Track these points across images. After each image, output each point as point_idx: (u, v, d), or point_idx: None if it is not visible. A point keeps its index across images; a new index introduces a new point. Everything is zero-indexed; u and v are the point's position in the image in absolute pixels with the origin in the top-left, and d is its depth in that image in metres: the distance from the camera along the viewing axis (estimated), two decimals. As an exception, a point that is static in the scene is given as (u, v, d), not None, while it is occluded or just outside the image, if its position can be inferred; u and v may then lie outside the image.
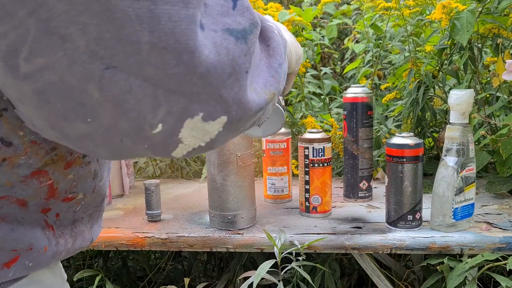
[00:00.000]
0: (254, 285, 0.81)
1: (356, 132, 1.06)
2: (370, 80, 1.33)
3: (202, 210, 1.05)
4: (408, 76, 1.18)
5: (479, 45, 1.09)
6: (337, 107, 1.48)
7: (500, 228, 0.85)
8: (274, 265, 0.84)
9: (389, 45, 1.32)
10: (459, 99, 0.81)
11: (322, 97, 1.46)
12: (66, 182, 0.40)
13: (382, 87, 1.33)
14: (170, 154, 0.35)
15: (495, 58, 1.05)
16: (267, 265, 0.83)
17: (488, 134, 1.04)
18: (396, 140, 0.87)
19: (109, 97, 0.29)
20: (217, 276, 1.40)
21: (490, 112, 1.10)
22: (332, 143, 1.24)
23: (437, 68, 1.18)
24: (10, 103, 0.33)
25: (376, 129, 1.31)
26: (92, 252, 1.35)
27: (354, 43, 1.62)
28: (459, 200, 0.83)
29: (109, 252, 1.33)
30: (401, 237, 0.84)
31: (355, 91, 1.05)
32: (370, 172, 1.08)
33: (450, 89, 1.08)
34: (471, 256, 0.82)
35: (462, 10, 0.99)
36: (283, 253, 0.84)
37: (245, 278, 0.86)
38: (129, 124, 0.31)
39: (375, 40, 1.34)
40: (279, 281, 0.86)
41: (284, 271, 0.86)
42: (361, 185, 1.07)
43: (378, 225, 0.90)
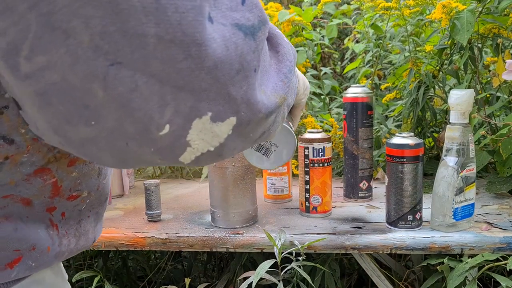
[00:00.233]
0: (254, 284, 0.81)
1: (356, 132, 1.05)
2: (370, 80, 1.33)
3: (202, 210, 1.05)
4: (408, 76, 1.18)
5: (479, 45, 1.09)
6: (337, 107, 1.48)
7: (500, 228, 0.85)
8: (274, 265, 0.84)
9: (389, 45, 1.32)
10: (459, 99, 0.81)
11: (322, 97, 1.46)
12: (70, 180, 0.40)
13: (382, 87, 1.33)
14: (178, 159, 0.33)
15: (495, 58, 1.05)
16: (266, 265, 0.83)
17: (488, 134, 1.04)
18: (396, 140, 0.87)
19: (114, 96, 0.28)
20: (217, 276, 1.40)
21: (490, 112, 1.10)
22: (332, 143, 1.23)
23: (437, 68, 1.18)
24: (13, 101, 0.33)
25: (376, 129, 1.31)
26: (92, 252, 1.35)
27: (354, 43, 1.62)
28: (459, 200, 0.83)
29: (109, 252, 1.33)
30: (401, 237, 0.84)
31: (355, 91, 1.05)
32: (370, 172, 1.08)
33: (450, 89, 1.08)
34: (471, 256, 0.82)
35: (462, 10, 0.99)
36: (283, 253, 0.84)
37: (245, 278, 0.86)
38: (135, 126, 0.30)
39: (375, 40, 1.34)
40: (279, 281, 0.86)
41: (284, 271, 0.86)
42: (361, 185, 1.07)
43: (378, 225, 0.90)
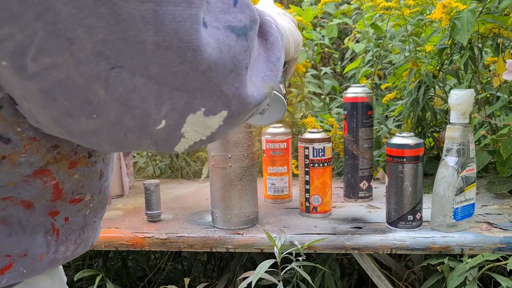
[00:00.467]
0: (253, 284, 0.81)
1: (356, 132, 1.05)
2: (370, 80, 1.33)
3: (202, 210, 1.05)
4: (408, 76, 1.18)
5: (480, 45, 1.08)
6: (337, 107, 1.48)
7: (501, 228, 0.85)
8: (274, 265, 0.84)
9: (389, 45, 1.32)
10: (460, 99, 0.81)
11: (322, 97, 1.46)
12: (72, 182, 0.40)
13: (382, 87, 1.33)
14: (173, 149, 0.36)
15: (496, 58, 1.05)
16: (266, 265, 0.83)
17: (488, 134, 1.04)
18: (396, 140, 0.86)
19: (115, 95, 0.30)
20: (217, 276, 1.40)
21: (491, 112, 1.10)
22: (332, 143, 1.23)
23: (438, 68, 1.18)
24: (7, 100, 0.33)
25: (376, 129, 1.31)
26: (92, 252, 1.35)
27: (354, 43, 1.62)
28: (460, 200, 0.83)
29: (109, 252, 1.33)
30: (402, 237, 0.84)
31: (355, 91, 1.05)
32: (370, 172, 1.08)
33: (450, 89, 1.08)
34: (472, 256, 0.82)
35: (463, 10, 0.99)
36: (283, 253, 0.84)
37: (245, 278, 0.86)
38: (134, 121, 0.32)
39: (375, 39, 1.34)
40: (279, 281, 0.86)
41: (284, 271, 0.86)
42: (361, 185, 1.07)
43: (378, 225, 0.90)
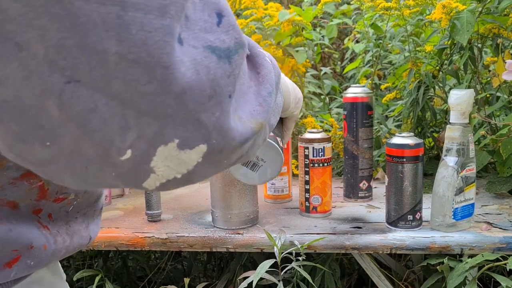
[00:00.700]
0: (254, 284, 0.81)
1: (356, 132, 1.05)
2: (370, 80, 1.33)
3: (202, 210, 1.05)
4: (408, 76, 1.18)
5: (479, 45, 1.09)
6: (337, 107, 1.48)
7: (500, 228, 0.85)
8: (274, 265, 0.84)
9: (389, 45, 1.32)
10: (459, 99, 0.81)
11: (322, 97, 1.46)
12: None
13: (382, 87, 1.33)
14: (141, 185, 0.31)
15: (495, 58, 1.05)
16: (266, 265, 0.83)
17: (488, 134, 1.04)
18: (396, 140, 0.87)
19: (71, 115, 0.26)
20: (217, 276, 1.40)
21: (490, 112, 1.10)
22: (332, 143, 1.23)
23: (437, 68, 1.18)
24: None
25: (376, 129, 1.31)
26: (92, 252, 1.35)
27: (354, 43, 1.62)
28: (459, 200, 0.83)
29: (109, 252, 1.33)
30: (401, 237, 0.84)
31: (355, 91, 1.05)
32: (370, 172, 1.08)
33: (450, 89, 1.08)
34: (471, 256, 0.82)
35: (462, 10, 0.99)
36: (283, 253, 0.84)
37: (245, 278, 0.86)
38: (94, 148, 0.28)
39: (375, 40, 1.34)
40: (279, 281, 0.86)
41: (284, 271, 0.86)
42: (361, 185, 1.07)
43: (378, 225, 0.90)
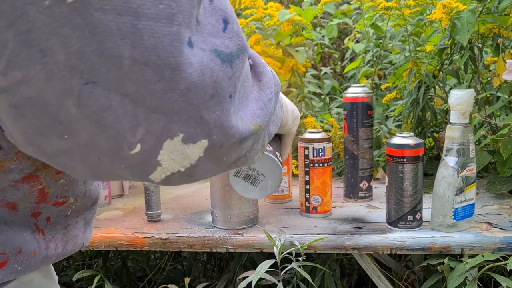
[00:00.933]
0: (253, 284, 0.81)
1: (356, 132, 1.05)
2: (371, 80, 1.33)
3: (202, 210, 1.05)
4: (408, 76, 1.18)
5: (480, 45, 1.08)
6: (337, 107, 1.48)
7: (501, 228, 0.85)
8: (274, 265, 0.84)
9: (389, 45, 1.32)
10: (460, 99, 0.81)
11: (322, 97, 1.46)
12: (58, 186, 0.40)
13: (383, 87, 1.33)
14: (148, 177, 0.34)
15: (496, 58, 1.04)
16: (266, 265, 0.83)
17: (488, 134, 1.04)
18: (396, 140, 0.86)
19: (88, 113, 0.29)
20: (217, 276, 1.40)
21: (491, 112, 1.10)
22: (332, 143, 1.23)
23: (438, 68, 1.18)
24: None
25: (376, 129, 1.31)
26: (92, 252, 1.35)
27: (354, 43, 1.62)
28: (460, 200, 0.83)
29: (108, 252, 1.33)
30: (402, 237, 0.84)
31: (355, 91, 1.05)
32: (370, 172, 1.08)
33: (450, 89, 1.08)
34: (472, 256, 0.82)
35: (463, 10, 0.99)
36: (283, 253, 0.84)
37: (245, 278, 0.86)
38: (108, 143, 0.31)
39: (375, 39, 1.34)
40: (279, 281, 0.86)
41: (284, 271, 0.86)
42: (361, 185, 1.07)
43: (378, 225, 0.90)
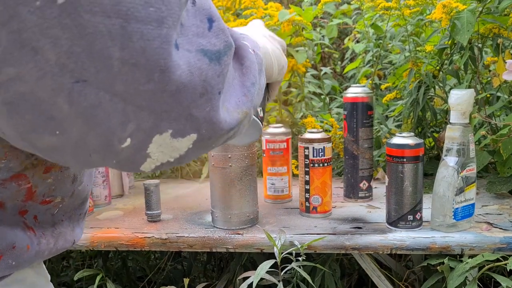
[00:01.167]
0: (254, 284, 0.81)
1: (356, 132, 1.05)
2: (370, 80, 1.33)
3: (202, 210, 1.05)
4: (408, 76, 1.18)
5: (480, 45, 1.08)
6: (337, 107, 1.48)
7: (501, 228, 0.85)
8: (274, 266, 0.84)
9: (389, 45, 1.32)
10: (460, 99, 0.81)
11: (322, 97, 1.46)
12: (45, 186, 0.41)
13: (383, 87, 1.33)
14: (139, 168, 0.35)
15: (496, 58, 1.04)
16: (266, 265, 0.83)
17: (488, 134, 1.04)
18: (396, 140, 0.86)
19: (79, 110, 0.30)
20: (217, 276, 1.40)
21: (491, 112, 1.10)
22: (332, 143, 1.23)
23: (438, 68, 1.18)
24: None
25: (376, 129, 1.31)
26: (92, 252, 1.35)
27: (355, 43, 1.62)
28: (460, 200, 0.83)
29: (108, 252, 1.33)
30: (402, 237, 0.84)
31: (355, 91, 1.05)
32: (370, 172, 1.08)
33: (450, 89, 1.08)
34: (472, 256, 0.82)
35: (463, 10, 0.99)
36: (283, 253, 0.84)
37: (245, 278, 0.86)
38: (98, 140, 0.31)
39: (375, 40, 1.34)
40: (279, 281, 0.86)
41: (284, 271, 0.86)
42: (361, 185, 1.07)
43: (379, 225, 0.90)
